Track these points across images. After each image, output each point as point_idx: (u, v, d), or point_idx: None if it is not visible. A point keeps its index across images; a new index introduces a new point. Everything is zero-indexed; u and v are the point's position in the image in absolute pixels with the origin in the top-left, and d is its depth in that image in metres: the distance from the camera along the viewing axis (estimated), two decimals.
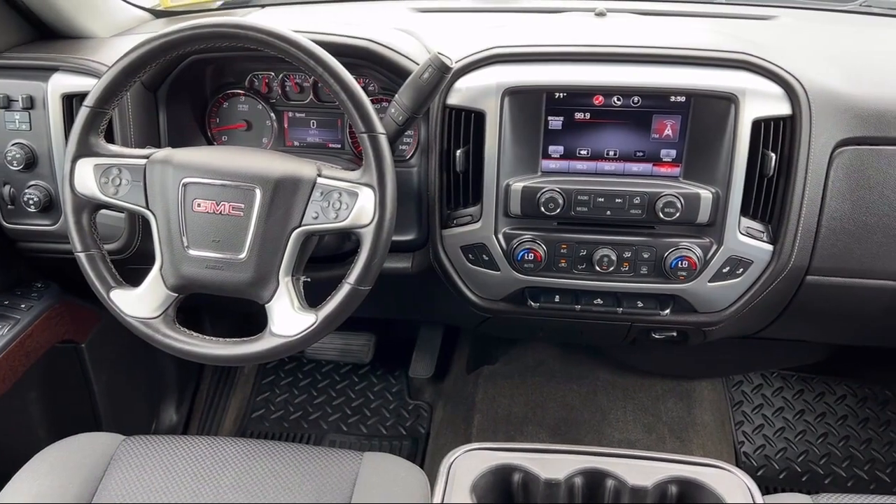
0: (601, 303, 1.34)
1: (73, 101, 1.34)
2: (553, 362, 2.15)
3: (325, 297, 1.11)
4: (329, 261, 1.31)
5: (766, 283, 1.28)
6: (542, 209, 1.24)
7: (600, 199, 1.24)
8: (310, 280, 1.16)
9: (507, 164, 1.26)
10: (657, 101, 1.22)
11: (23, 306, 1.51)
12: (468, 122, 1.25)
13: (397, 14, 1.61)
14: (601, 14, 1.46)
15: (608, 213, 1.25)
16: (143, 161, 1.13)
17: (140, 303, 1.15)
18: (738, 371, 2.15)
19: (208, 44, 1.09)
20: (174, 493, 1.14)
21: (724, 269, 1.27)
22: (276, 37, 1.06)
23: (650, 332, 1.47)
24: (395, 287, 1.53)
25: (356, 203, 1.07)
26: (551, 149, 1.27)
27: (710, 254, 1.26)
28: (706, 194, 1.22)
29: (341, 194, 1.08)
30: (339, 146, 1.43)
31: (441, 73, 1.12)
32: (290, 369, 2.29)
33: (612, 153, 1.26)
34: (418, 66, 1.14)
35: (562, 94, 1.23)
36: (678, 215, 1.22)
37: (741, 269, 1.27)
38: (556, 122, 1.25)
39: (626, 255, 1.28)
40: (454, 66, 1.15)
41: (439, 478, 1.02)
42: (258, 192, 1.09)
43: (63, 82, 1.34)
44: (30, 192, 1.38)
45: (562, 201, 1.24)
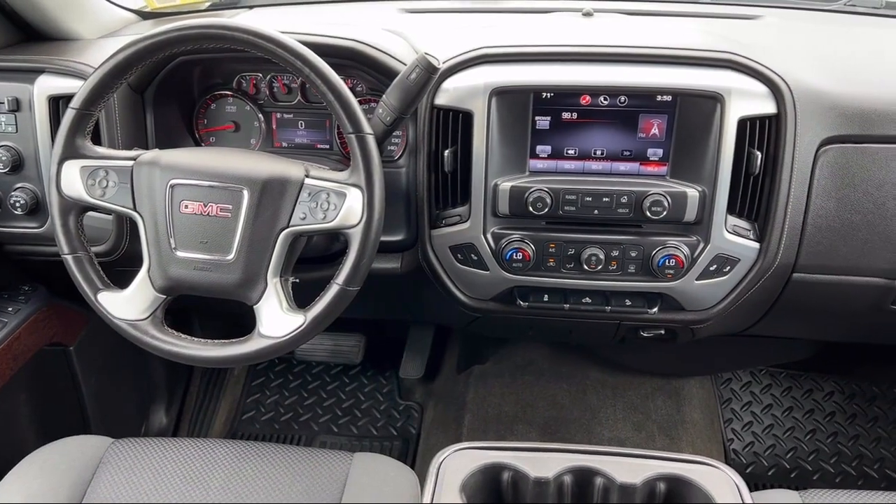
0: (590, 301, 1.35)
1: (59, 103, 1.33)
2: (543, 361, 2.16)
3: (315, 298, 1.11)
4: (318, 262, 1.31)
5: (752, 280, 1.29)
6: (530, 209, 1.25)
7: (588, 199, 1.25)
8: (298, 281, 1.16)
9: (495, 163, 1.26)
10: (644, 100, 1.23)
11: (10, 309, 1.51)
12: (456, 123, 1.25)
13: (385, 15, 1.61)
14: (588, 14, 1.47)
15: (596, 212, 1.26)
16: (130, 163, 1.13)
17: (128, 305, 1.14)
18: (727, 368, 2.16)
19: (195, 45, 1.09)
20: (163, 494, 1.14)
21: (711, 268, 1.27)
22: (262, 38, 1.05)
23: (638, 330, 1.47)
24: (385, 287, 1.53)
25: (344, 203, 1.07)
26: (539, 148, 1.27)
27: (697, 252, 1.26)
28: (693, 193, 1.23)
29: (329, 195, 1.08)
30: (327, 147, 1.43)
31: (428, 74, 1.12)
32: (280, 371, 2.28)
33: (599, 153, 1.27)
34: (406, 66, 1.14)
35: (549, 94, 1.24)
36: (665, 214, 1.23)
37: (728, 267, 1.28)
38: (543, 122, 1.26)
39: (614, 253, 1.28)
40: (441, 66, 1.16)
41: (429, 477, 1.02)
42: (246, 193, 1.08)
43: (49, 84, 1.34)
44: (16, 194, 1.37)
45: (550, 201, 1.24)
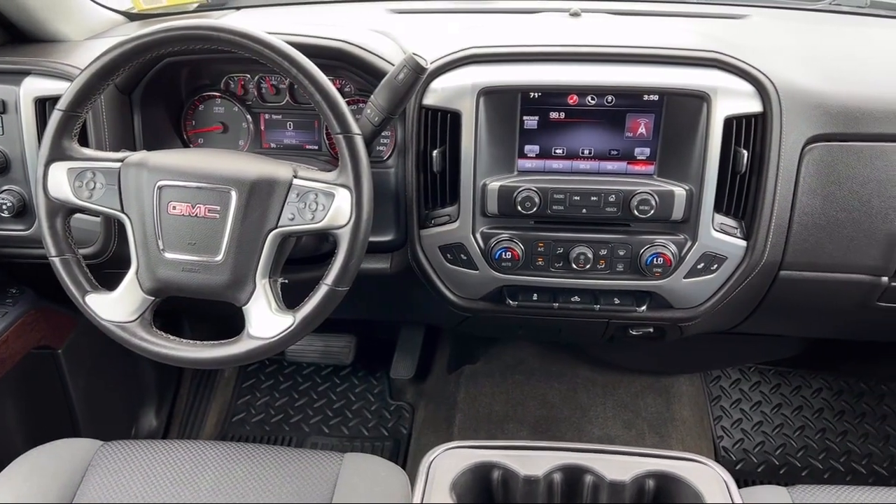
0: (578, 300, 1.36)
1: (45, 105, 1.33)
2: (533, 360, 2.16)
3: (304, 299, 1.11)
4: (307, 262, 1.31)
5: (740, 278, 1.30)
6: (519, 208, 1.25)
7: (576, 198, 1.25)
8: (287, 282, 1.16)
9: (484, 163, 1.27)
10: (631, 100, 1.23)
11: None
12: (444, 123, 1.26)
13: (373, 15, 1.61)
14: (576, 14, 1.47)
15: (584, 211, 1.26)
16: (118, 164, 1.12)
17: (116, 307, 1.14)
18: (716, 366, 2.17)
19: (182, 46, 1.09)
20: (152, 496, 1.13)
21: (699, 266, 1.28)
22: (249, 38, 1.05)
23: (627, 328, 1.48)
24: (375, 288, 1.54)
25: (332, 204, 1.07)
26: (527, 148, 1.28)
27: (685, 250, 1.27)
28: (680, 191, 1.23)
29: (317, 195, 1.08)
30: (316, 147, 1.43)
31: (416, 74, 1.12)
32: (270, 372, 2.28)
33: (587, 152, 1.27)
34: (394, 66, 1.15)
35: (537, 94, 1.24)
36: (653, 213, 1.23)
37: (715, 265, 1.28)
38: (531, 122, 1.26)
39: (602, 252, 1.29)
40: (429, 66, 1.16)
41: (419, 477, 1.02)
42: (234, 194, 1.08)
43: (35, 86, 1.33)
44: (3, 197, 1.36)
45: (538, 200, 1.25)
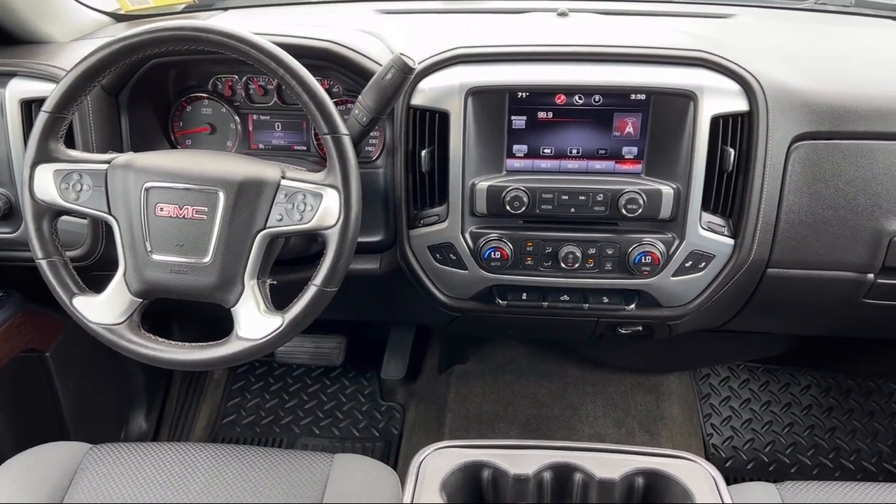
0: (568, 299, 1.36)
1: (31, 107, 1.32)
2: (523, 360, 2.17)
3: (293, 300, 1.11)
4: (296, 263, 1.30)
5: (728, 276, 1.30)
6: (508, 208, 1.25)
7: (564, 197, 1.26)
8: (276, 283, 1.16)
9: (472, 163, 1.27)
10: (618, 99, 1.24)
11: None
12: (432, 123, 1.26)
13: (361, 16, 1.61)
14: (563, 14, 1.48)
15: (572, 210, 1.26)
16: (105, 166, 1.12)
17: (104, 309, 1.13)
18: (705, 364, 2.18)
19: (168, 47, 1.09)
20: (142, 500, 1.13)
21: (687, 264, 1.29)
22: (236, 39, 1.05)
23: (616, 327, 1.48)
24: (365, 289, 1.54)
25: (321, 204, 1.07)
26: (515, 148, 1.28)
27: (673, 249, 1.28)
28: (667, 190, 1.24)
29: (306, 196, 1.08)
30: (304, 148, 1.43)
31: (404, 74, 1.12)
32: (260, 374, 2.27)
33: (575, 151, 1.28)
34: (381, 67, 1.14)
35: (524, 94, 1.24)
36: (640, 211, 1.24)
37: (703, 264, 1.29)
38: (519, 122, 1.26)
39: (591, 251, 1.29)
40: (417, 66, 1.16)
41: (409, 477, 1.02)
42: (221, 196, 1.08)
43: (21, 88, 1.32)
44: None
45: (527, 199, 1.25)
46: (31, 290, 1.54)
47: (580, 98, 1.24)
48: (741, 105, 1.22)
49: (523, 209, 1.25)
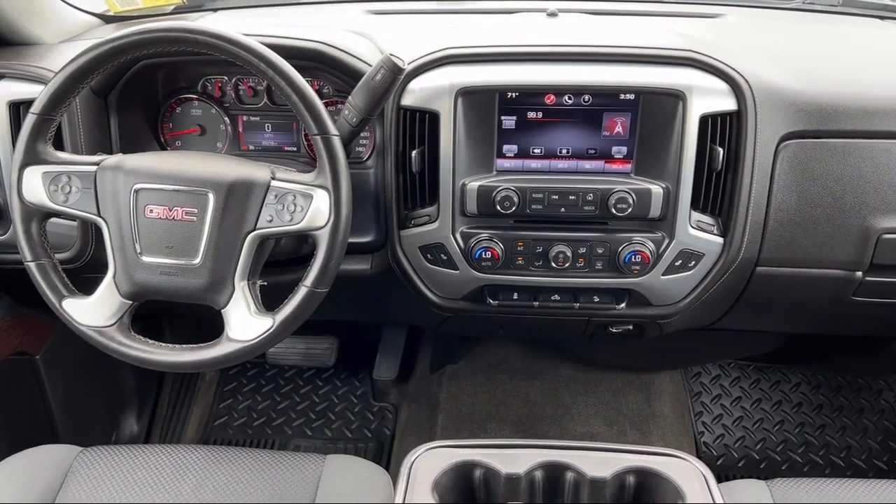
0: (558, 299, 1.36)
1: (20, 109, 1.31)
2: (515, 359, 2.17)
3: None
4: (287, 264, 1.30)
5: (717, 274, 1.31)
6: (498, 208, 1.26)
7: (554, 197, 1.26)
8: (266, 284, 1.16)
9: (463, 163, 1.27)
10: (607, 99, 1.24)
11: None
12: (423, 123, 1.26)
13: (351, 16, 1.61)
14: (553, 14, 1.48)
15: (562, 210, 1.27)
16: (94, 168, 1.12)
17: (94, 311, 1.13)
18: (696, 362, 2.19)
19: (157, 48, 1.08)
20: (133, 501, 1.13)
21: (677, 263, 1.29)
22: (225, 40, 1.05)
23: (607, 326, 1.49)
24: (356, 289, 1.53)
25: (311, 205, 1.07)
26: (505, 148, 1.28)
27: (663, 248, 1.28)
28: (657, 189, 1.24)
29: (296, 197, 1.08)
30: (294, 149, 1.43)
31: (393, 75, 1.13)
32: (252, 375, 2.27)
33: (564, 151, 1.28)
34: (371, 67, 1.15)
35: (514, 94, 1.25)
36: (630, 211, 1.24)
37: (693, 262, 1.30)
38: (509, 122, 1.27)
39: (581, 251, 1.29)
40: (407, 67, 1.16)
41: (400, 477, 1.02)
42: (211, 197, 1.08)
43: (9, 90, 1.32)
44: None
45: (517, 199, 1.25)
46: (21, 292, 1.53)
47: (570, 98, 1.25)
48: (730, 104, 1.22)
49: (514, 209, 1.26)
